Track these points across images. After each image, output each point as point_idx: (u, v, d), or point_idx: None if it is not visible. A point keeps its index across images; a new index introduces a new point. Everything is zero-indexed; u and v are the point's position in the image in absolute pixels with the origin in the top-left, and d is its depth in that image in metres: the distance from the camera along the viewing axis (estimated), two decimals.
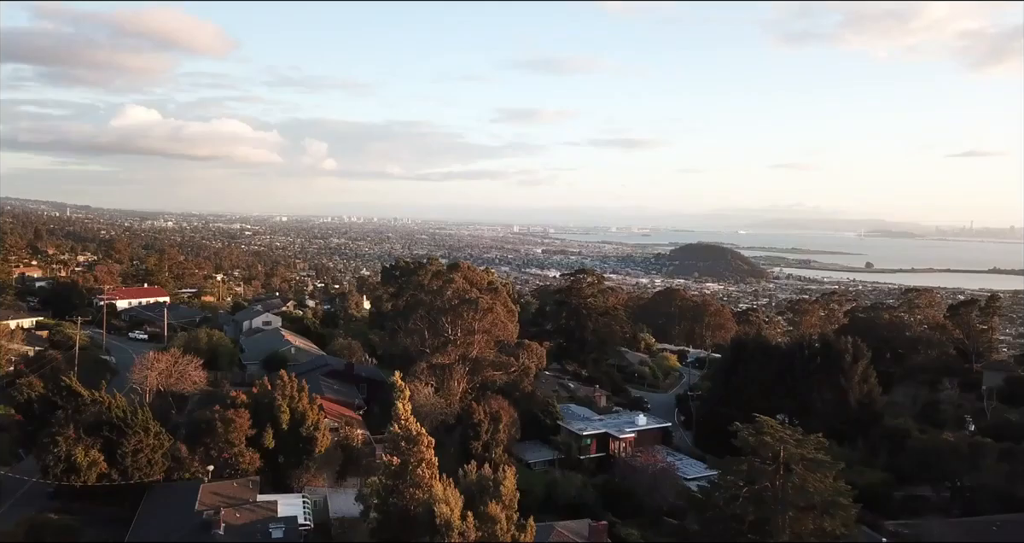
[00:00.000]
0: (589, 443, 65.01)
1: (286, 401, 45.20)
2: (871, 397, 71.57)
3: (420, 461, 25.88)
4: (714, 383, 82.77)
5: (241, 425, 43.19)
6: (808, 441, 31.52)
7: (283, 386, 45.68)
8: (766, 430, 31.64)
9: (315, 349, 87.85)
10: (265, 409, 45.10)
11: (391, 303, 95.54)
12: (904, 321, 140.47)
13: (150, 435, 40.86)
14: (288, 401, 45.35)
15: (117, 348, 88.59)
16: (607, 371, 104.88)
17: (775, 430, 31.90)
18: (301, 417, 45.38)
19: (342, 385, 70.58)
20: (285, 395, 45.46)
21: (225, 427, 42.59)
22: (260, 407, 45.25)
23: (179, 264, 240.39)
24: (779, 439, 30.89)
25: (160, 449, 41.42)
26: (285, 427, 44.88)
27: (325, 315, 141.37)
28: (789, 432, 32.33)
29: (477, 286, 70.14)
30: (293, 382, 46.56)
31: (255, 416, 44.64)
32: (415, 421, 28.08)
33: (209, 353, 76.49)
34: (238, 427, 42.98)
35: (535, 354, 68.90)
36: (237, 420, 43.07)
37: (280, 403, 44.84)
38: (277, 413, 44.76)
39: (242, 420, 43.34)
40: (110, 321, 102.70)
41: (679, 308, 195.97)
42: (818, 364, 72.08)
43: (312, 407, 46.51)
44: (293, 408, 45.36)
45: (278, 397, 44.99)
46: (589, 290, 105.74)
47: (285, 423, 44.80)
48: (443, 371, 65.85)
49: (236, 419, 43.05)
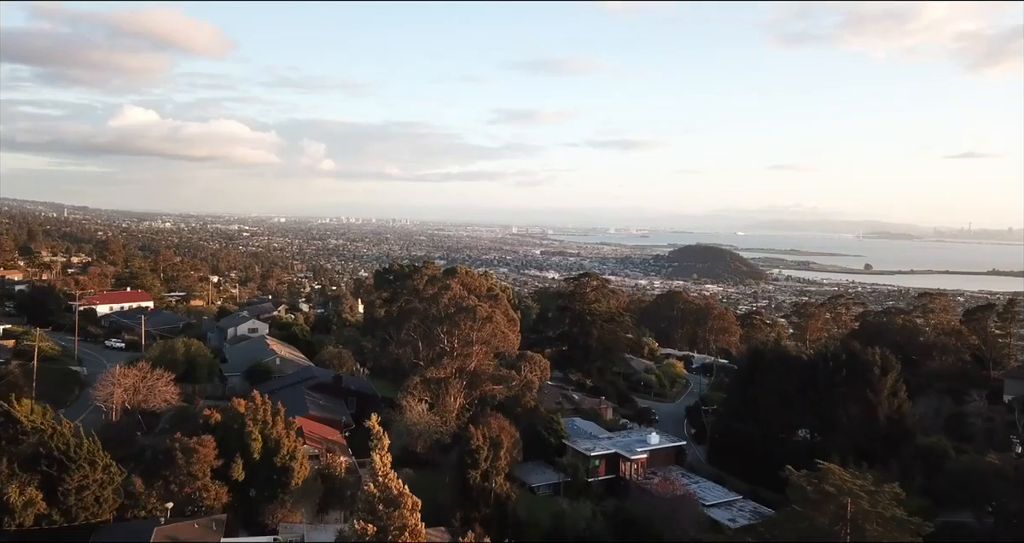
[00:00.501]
0: (598, 464, 59.62)
1: (258, 427, 39.72)
2: (901, 412, 66.23)
3: (402, 528, 20.52)
4: (729, 395, 77.41)
5: (205, 455, 37.73)
6: (883, 493, 25.98)
7: (255, 409, 40.18)
8: (829, 480, 26.01)
9: (302, 359, 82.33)
10: (234, 436, 39.63)
11: (384, 309, 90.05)
12: (918, 326, 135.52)
13: (97, 469, 35.36)
14: (260, 427, 39.87)
15: (91, 358, 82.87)
16: (612, 380, 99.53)
17: (841, 480, 26.30)
18: (275, 445, 39.91)
19: (329, 400, 65.12)
20: (257, 420, 39.98)
21: (186, 458, 37.14)
22: (229, 434, 39.79)
23: (174, 266, 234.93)
24: (846, 491, 25.33)
25: (110, 485, 35.95)
26: (257, 456, 39.42)
27: (317, 320, 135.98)
28: (859, 482, 26.68)
29: (476, 293, 64.78)
30: (267, 405, 41.08)
31: (223, 444, 39.20)
32: (395, 477, 22.63)
33: (186, 364, 70.99)
34: (202, 458, 37.53)
35: (538, 366, 63.53)
36: (201, 450, 37.61)
37: (251, 429, 39.36)
38: (248, 441, 39.30)
39: (206, 449, 37.88)
40: (86, 328, 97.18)
41: (681, 311, 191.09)
42: (843, 376, 66.72)
43: (289, 433, 41.04)
44: (266, 435, 39.89)
45: (249, 423, 39.50)
46: (593, 295, 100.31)
47: (257, 452, 39.34)
48: (438, 385, 60.49)
49: (199, 449, 37.59)
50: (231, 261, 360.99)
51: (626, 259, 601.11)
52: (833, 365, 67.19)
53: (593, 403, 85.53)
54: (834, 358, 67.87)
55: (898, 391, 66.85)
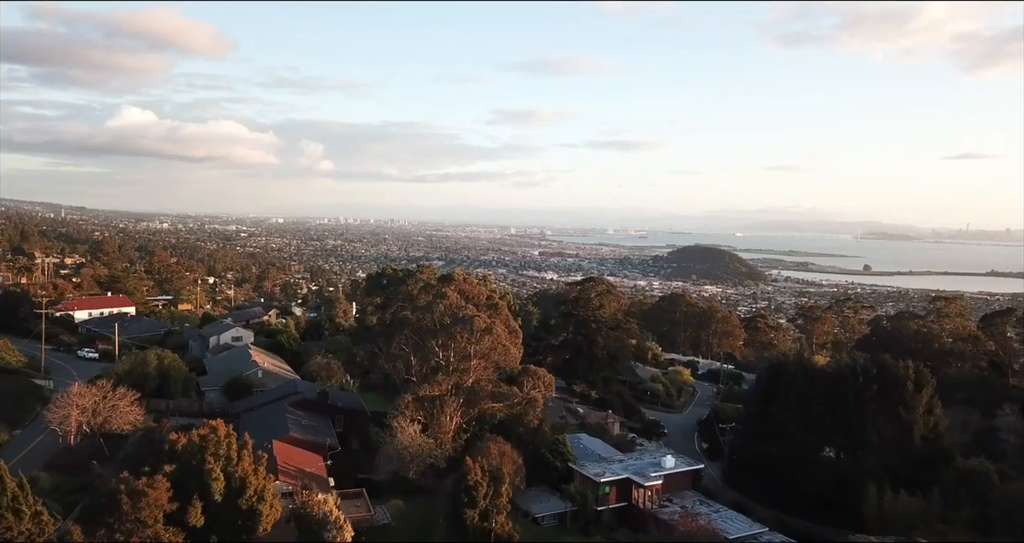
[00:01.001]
0: (608, 491, 54.05)
1: (220, 463, 34.08)
2: (938, 432, 60.83)
3: None
4: (747, 412, 71.92)
5: (156, 498, 32.11)
6: None
7: (217, 442, 34.53)
8: None
9: (286, 371, 76.67)
10: (192, 474, 34.00)
11: (377, 316, 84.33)
12: (933, 332, 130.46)
13: (24, 519, 29.74)
14: (223, 463, 34.23)
15: (60, 369, 77.03)
16: (618, 391, 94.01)
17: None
18: (240, 483, 34.31)
19: (313, 418, 59.46)
20: (219, 455, 34.34)
21: (133, 502, 31.51)
22: (186, 472, 34.16)
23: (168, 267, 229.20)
24: None
25: (41, 536, 30.32)
26: (219, 498, 33.81)
27: (309, 325, 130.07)
28: None
29: (474, 301, 59.21)
30: (231, 437, 35.41)
31: (179, 483, 33.58)
32: None
33: (159, 378, 65.32)
34: (152, 501, 31.91)
35: (542, 382, 57.96)
36: (151, 493, 31.99)
37: (212, 466, 33.72)
38: (208, 480, 33.68)
39: (158, 492, 32.25)
40: (58, 335, 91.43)
41: (684, 314, 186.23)
42: (873, 392, 61.28)
43: (257, 468, 35.43)
44: (230, 472, 34.27)
45: (209, 459, 33.87)
46: (598, 301, 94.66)
47: (218, 493, 33.72)
48: (432, 404, 54.88)
49: (150, 491, 31.97)
50: (228, 262, 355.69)
51: (625, 260, 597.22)
52: (863, 380, 61.73)
53: (599, 417, 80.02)
54: (863, 372, 62.40)
55: (933, 408, 61.50)
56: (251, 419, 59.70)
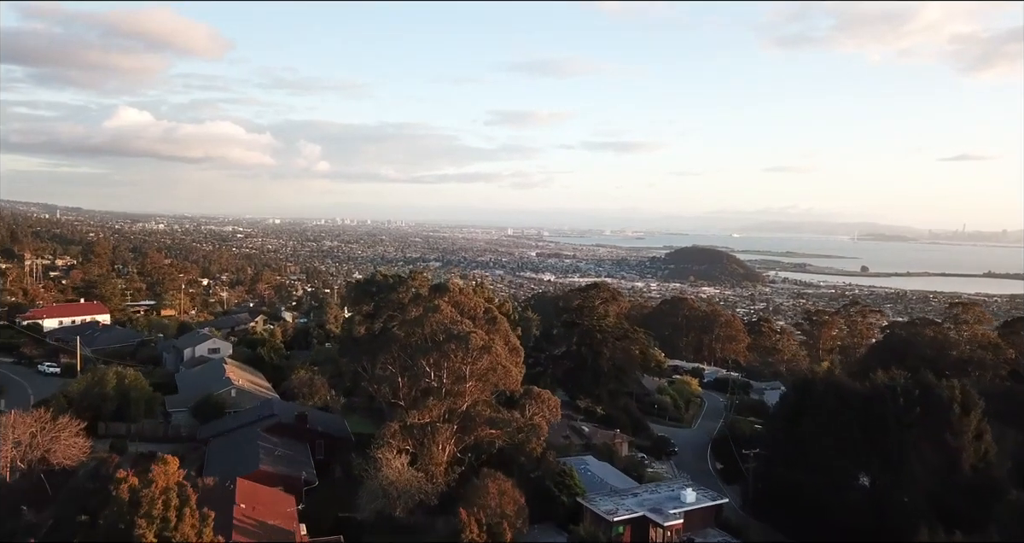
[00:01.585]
0: (622, 531, 47.59)
1: (153, 527, 27.46)
2: (988, 460, 54.54)
3: None
4: (773, 434, 65.54)
5: None
6: None
7: (151, 501, 27.88)
8: None
9: (264, 389, 70.00)
10: (119, 539, 27.39)
11: (364, 326, 77.63)
12: (950, 339, 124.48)
13: None
14: (158, 527, 27.63)
15: (15, 386, 70.36)
16: (625, 405, 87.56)
17: None
18: None
19: (289, 445, 53.00)
20: (154, 517, 27.73)
21: None
22: (113, 535, 27.56)
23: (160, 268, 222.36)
24: None
25: None
26: None
27: (297, 332, 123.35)
28: None
29: (470, 314, 52.77)
30: (172, 490, 28.81)
31: None
32: None
33: (119, 399, 58.64)
34: None
35: (546, 406, 51.55)
36: None
37: (142, 532, 27.11)
38: None
39: None
40: (19, 347, 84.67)
41: (687, 318, 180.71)
42: (915, 415, 54.98)
43: (204, 530, 28.83)
44: (166, 539, 27.66)
45: (141, 523, 27.26)
46: (603, 308, 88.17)
47: None
48: (423, 431, 48.40)
49: None
50: (223, 263, 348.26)
51: (622, 261, 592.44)
52: (904, 401, 55.39)
53: (606, 437, 73.70)
54: (904, 393, 56.04)
55: (983, 433, 55.16)
56: (219, 447, 53.23)
